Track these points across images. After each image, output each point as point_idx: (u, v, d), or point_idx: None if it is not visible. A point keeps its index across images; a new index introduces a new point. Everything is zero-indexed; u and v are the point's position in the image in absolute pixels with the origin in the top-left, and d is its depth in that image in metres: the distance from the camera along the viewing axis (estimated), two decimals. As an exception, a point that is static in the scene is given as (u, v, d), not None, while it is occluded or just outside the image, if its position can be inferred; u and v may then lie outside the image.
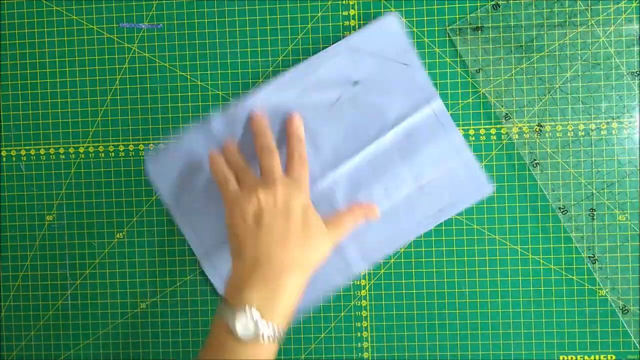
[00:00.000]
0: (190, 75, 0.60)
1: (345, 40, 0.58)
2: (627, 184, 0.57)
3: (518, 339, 0.59)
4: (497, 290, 0.59)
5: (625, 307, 0.57)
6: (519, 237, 0.58)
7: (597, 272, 0.57)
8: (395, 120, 0.58)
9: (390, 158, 0.58)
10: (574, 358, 0.58)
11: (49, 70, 0.61)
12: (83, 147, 0.61)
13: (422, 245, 0.59)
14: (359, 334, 0.60)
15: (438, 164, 0.58)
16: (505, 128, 0.58)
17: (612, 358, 0.58)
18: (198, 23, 0.60)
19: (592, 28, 0.57)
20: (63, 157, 0.61)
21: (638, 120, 0.57)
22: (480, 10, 0.57)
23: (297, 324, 0.60)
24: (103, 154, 0.61)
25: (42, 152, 0.61)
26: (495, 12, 0.57)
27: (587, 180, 0.57)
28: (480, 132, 0.58)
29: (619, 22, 0.56)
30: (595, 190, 0.57)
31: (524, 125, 0.58)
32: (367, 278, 0.60)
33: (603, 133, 0.57)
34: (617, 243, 0.57)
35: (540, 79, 0.57)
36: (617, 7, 0.56)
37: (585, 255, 0.58)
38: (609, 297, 0.58)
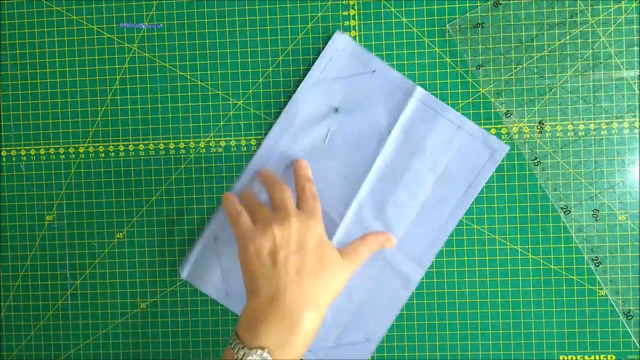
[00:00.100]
0: (190, 75, 0.60)
1: (308, 78, 0.59)
2: (627, 184, 0.57)
3: (518, 339, 0.59)
4: (497, 290, 0.59)
5: (630, 312, 0.57)
6: (519, 237, 0.58)
7: (599, 273, 0.57)
8: (389, 125, 0.58)
9: (401, 162, 0.58)
10: (574, 358, 0.58)
11: (49, 70, 0.61)
12: (83, 147, 0.61)
13: (422, 245, 0.59)
14: (359, 334, 0.60)
15: (446, 147, 0.58)
16: (506, 128, 0.58)
17: (612, 358, 0.58)
18: (198, 23, 0.60)
19: (592, 28, 0.57)
20: (63, 157, 0.61)
21: (638, 120, 0.57)
22: (481, 8, 0.57)
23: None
24: (103, 154, 0.61)
25: (42, 152, 0.61)
26: (496, 9, 0.57)
27: (587, 180, 0.57)
28: (481, 132, 0.58)
29: (619, 22, 0.56)
30: (596, 190, 0.57)
31: (524, 125, 0.58)
32: (367, 278, 0.60)
33: (603, 133, 0.57)
34: (617, 243, 0.57)
35: (541, 79, 0.57)
36: (617, 7, 0.56)
37: (586, 254, 0.57)
38: (610, 297, 0.57)
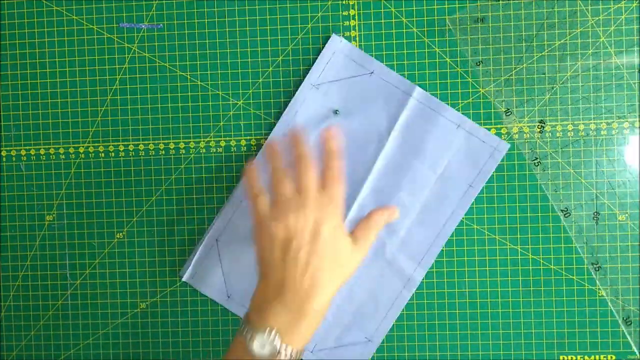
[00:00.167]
0: (190, 75, 0.60)
1: (306, 81, 0.59)
2: (627, 184, 0.57)
3: (518, 339, 0.59)
4: (497, 291, 0.59)
5: (629, 318, 0.57)
6: (519, 237, 0.58)
7: (599, 278, 0.57)
8: (389, 126, 0.58)
9: (401, 161, 0.58)
10: (574, 358, 0.58)
11: (49, 70, 0.61)
12: (83, 147, 0.61)
13: (422, 245, 0.59)
14: (359, 334, 0.60)
15: (446, 146, 0.58)
16: (506, 127, 0.58)
17: (612, 358, 0.58)
18: (198, 23, 0.60)
19: (592, 28, 0.57)
20: (63, 157, 0.61)
21: (639, 120, 0.57)
22: (482, 3, 0.57)
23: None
24: (103, 154, 0.61)
25: (42, 152, 0.61)
26: (497, 5, 0.57)
27: (587, 181, 0.57)
28: (481, 132, 0.58)
29: (619, 22, 0.56)
30: (597, 191, 0.57)
31: (525, 125, 0.58)
32: (367, 278, 0.60)
33: (604, 133, 0.57)
34: (617, 243, 0.57)
35: (541, 78, 0.57)
36: (617, 7, 0.56)
37: (586, 256, 0.57)
38: (608, 297, 0.57)
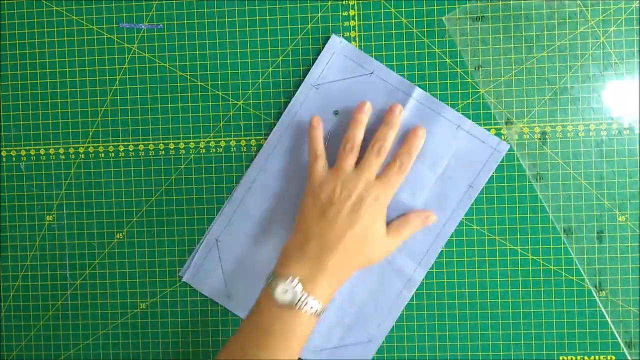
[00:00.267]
0: (190, 76, 0.60)
1: (306, 82, 0.59)
2: (627, 185, 0.57)
3: (518, 340, 0.59)
4: (496, 291, 0.59)
5: (620, 317, 0.57)
6: (519, 237, 0.58)
7: (598, 280, 0.57)
8: None
9: None
10: (574, 358, 0.58)
11: (49, 71, 0.61)
12: (83, 147, 0.61)
13: (421, 246, 0.59)
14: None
15: (446, 147, 0.58)
16: (506, 128, 0.58)
17: (611, 359, 0.58)
18: (198, 23, 0.60)
19: (592, 28, 0.57)
20: (63, 157, 0.61)
21: (638, 121, 0.57)
22: (481, 2, 0.57)
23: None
24: (103, 154, 0.61)
25: (42, 152, 0.61)
26: (496, 4, 0.57)
27: (587, 181, 0.57)
28: (480, 132, 0.58)
29: (619, 22, 0.56)
30: (596, 191, 0.57)
31: (524, 126, 0.58)
32: (366, 278, 0.60)
33: (603, 134, 0.57)
34: (617, 243, 0.57)
35: (541, 79, 0.57)
36: (617, 7, 0.56)
37: (585, 257, 0.58)
38: (609, 298, 0.58)
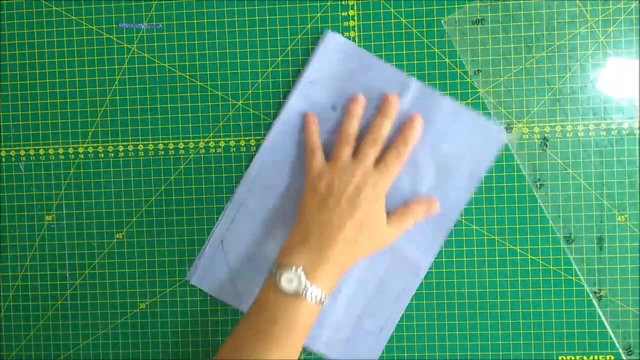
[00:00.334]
0: (190, 76, 0.60)
1: (303, 78, 0.58)
2: (626, 185, 0.57)
3: (517, 340, 0.59)
4: (496, 291, 0.59)
5: (617, 318, 0.57)
6: (518, 237, 0.58)
7: (598, 279, 0.57)
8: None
9: None
10: (573, 358, 0.58)
11: (49, 71, 0.61)
12: (82, 147, 0.61)
13: (421, 246, 0.59)
14: (358, 335, 0.60)
15: (445, 135, 0.58)
16: (505, 129, 0.58)
17: (610, 359, 0.58)
18: (197, 23, 0.60)
19: (591, 28, 0.57)
20: (62, 157, 0.61)
21: (638, 121, 0.57)
22: (481, 2, 0.57)
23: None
24: (102, 154, 0.61)
25: (41, 152, 0.61)
26: (496, 6, 0.57)
27: (586, 182, 0.57)
28: (480, 132, 0.58)
29: (619, 22, 0.56)
30: (595, 192, 0.57)
31: (524, 126, 0.58)
32: (366, 278, 0.60)
33: (603, 134, 0.57)
34: (616, 244, 0.57)
35: (540, 80, 0.57)
36: (616, 7, 0.56)
37: (585, 258, 0.58)
38: (608, 298, 0.58)
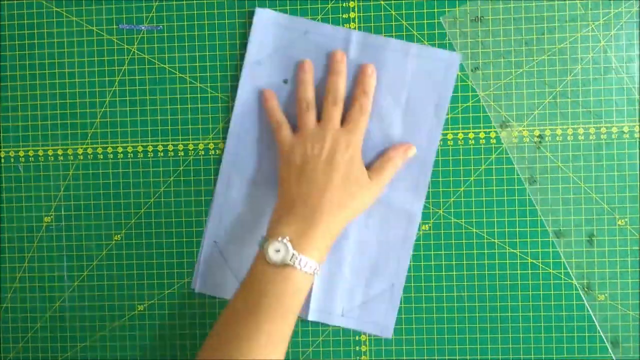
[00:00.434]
0: (190, 77, 0.60)
1: (246, 61, 0.59)
2: (626, 189, 0.57)
3: (517, 343, 0.58)
4: (495, 294, 0.59)
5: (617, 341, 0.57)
6: (518, 240, 0.58)
7: (597, 283, 0.57)
8: None
9: None
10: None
11: (49, 72, 0.61)
12: (82, 148, 0.61)
13: (420, 249, 0.59)
14: (357, 338, 0.60)
15: (401, 75, 0.58)
16: (506, 132, 0.58)
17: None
18: (198, 25, 0.60)
19: (592, 32, 0.57)
20: (62, 158, 0.61)
21: (638, 125, 0.57)
22: (481, 4, 0.57)
23: (295, 328, 0.60)
24: (102, 156, 0.61)
25: (40, 153, 0.61)
26: (496, 4, 0.57)
27: (587, 185, 0.57)
28: (480, 135, 0.58)
29: (620, 26, 0.56)
30: (596, 195, 0.57)
31: (524, 129, 0.58)
32: (365, 281, 0.60)
33: (603, 137, 0.57)
34: (616, 247, 0.57)
35: (540, 83, 0.57)
36: (617, 11, 0.56)
37: (584, 261, 0.57)
38: (608, 301, 0.57)
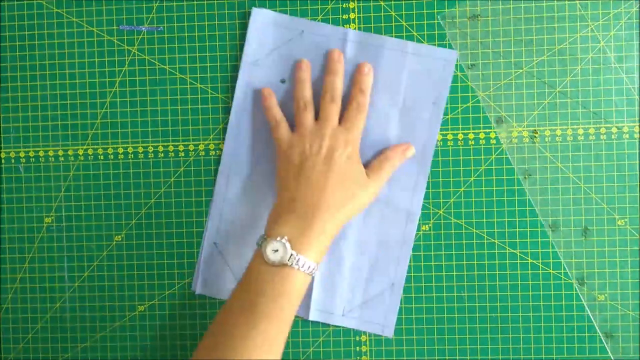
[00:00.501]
0: (190, 78, 0.60)
1: (244, 60, 0.59)
2: (626, 189, 0.57)
3: (517, 343, 0.58)
4: (495, 295, 0.59)
5: (611, 338, 0.57)
6: (518, 241, 0.58)
7: (597, 283, 0.57)
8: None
9: None
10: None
11: (49, 72, 0.61)
12: (82, 149, 0.61)
13: (420, 249, 0.59)
14: (358, 338, 0.60)
15: (398, 74, 0.58)
16: (505, 132, 0.58)
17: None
18: (198, 26, 0.60)
19: (592, 32, 0.57)
20: (62, 159, 0.61)
21: (638, 125, 0.57)
22: (481, 5, 0.57)
23: (295, 328, 0.60)
24: (102, 157, 0.61)
25: (41, 154, 0.61)
26: (495, 3, 0.57)
27: (586, 185, 0.57)
28: (480, 135, 0.58)
29: (619, 26, 0.56)
30: (596, 195, 0.57)
31: (523, 129, 0.58)
32: (366, 282, 0.60)
33: (602, 137, 0.57)
34: (616, 247, 0.57)
35: (540, 83, 0.57)
36: (616, 11, 0.56)
37: (584, 261, 0.57)
38: (608, 302, 0.57)
